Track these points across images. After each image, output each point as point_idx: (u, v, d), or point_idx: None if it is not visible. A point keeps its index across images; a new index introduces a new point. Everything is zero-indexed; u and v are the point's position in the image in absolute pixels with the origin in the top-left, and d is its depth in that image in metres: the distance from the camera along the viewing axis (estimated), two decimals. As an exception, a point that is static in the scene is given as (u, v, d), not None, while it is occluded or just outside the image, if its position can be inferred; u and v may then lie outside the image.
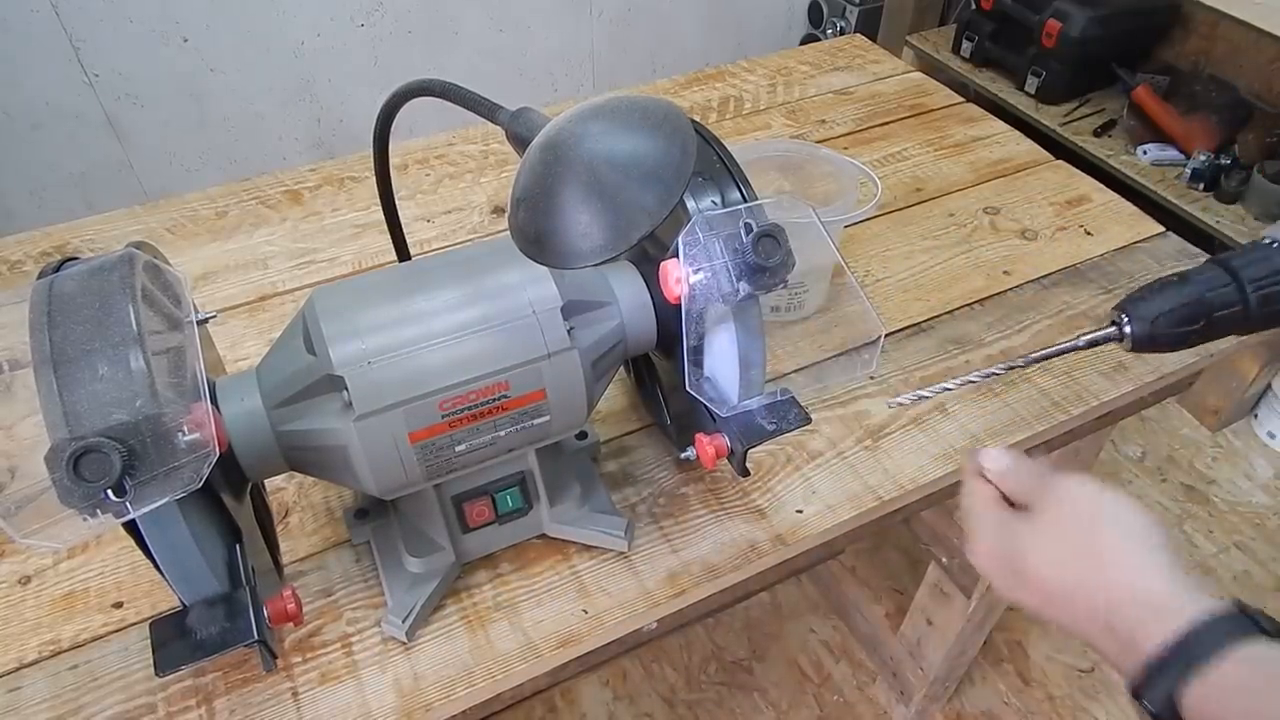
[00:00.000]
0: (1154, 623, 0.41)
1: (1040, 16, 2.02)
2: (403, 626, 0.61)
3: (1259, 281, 0.51)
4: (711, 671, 1.46)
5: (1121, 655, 0.42)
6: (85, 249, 0.97)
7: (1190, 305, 0.51)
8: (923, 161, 1.12)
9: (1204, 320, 0.51)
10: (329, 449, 0.54)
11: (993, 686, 1.44)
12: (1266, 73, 2.00)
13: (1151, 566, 0.43)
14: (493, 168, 1.10)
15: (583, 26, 2.28)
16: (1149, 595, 0.42)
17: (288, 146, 2.11)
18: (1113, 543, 0.45)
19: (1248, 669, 0.38)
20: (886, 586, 1.55)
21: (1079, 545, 0.45)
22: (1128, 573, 0.43)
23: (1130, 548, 0.44)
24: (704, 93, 1.25)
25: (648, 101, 0.47)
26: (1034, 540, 0.47)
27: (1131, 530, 0.45)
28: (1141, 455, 1.79)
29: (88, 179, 1.94)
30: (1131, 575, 0.43)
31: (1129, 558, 0.44)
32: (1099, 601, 0.43)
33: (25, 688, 0.60)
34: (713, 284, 0.53)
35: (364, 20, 2.01)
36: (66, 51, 1.77)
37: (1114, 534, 0.45)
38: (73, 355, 0.44)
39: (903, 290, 0.93)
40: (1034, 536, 0.47)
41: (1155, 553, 0.44)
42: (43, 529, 0.44)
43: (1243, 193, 1.84)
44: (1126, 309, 0.53)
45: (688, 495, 0.72)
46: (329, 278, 0.94)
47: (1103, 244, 0.99)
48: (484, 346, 0.55)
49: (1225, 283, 0.52)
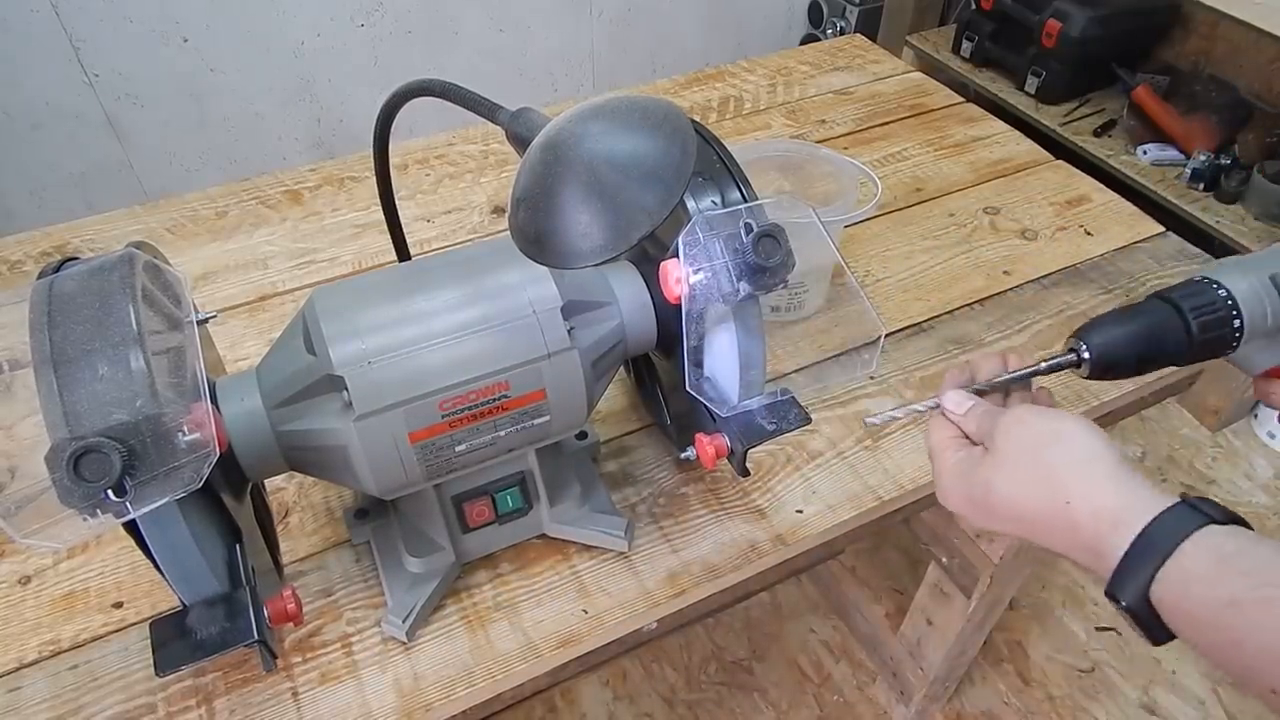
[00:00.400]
0: (1113, 532, 0.43)
1: (1040, 16, 2.02)
2: (403, 626, 0.61)
3: (1199, 312, 0.55)
4: (711, 671, 1.46)
5: (1096, 565, 0.45)
6: (85, 249, 0.97)
7: (1143, 335, 0.55)
8: (923, 161, 1.12)
9: (1154, 350, 0.55)
10: (329, 449, 0.54)
11: (993, 686, 1.44)
12: (1266, 73, 2.00)
13: (1100, 480, 0.45)
14: (493, 168, 1.10)
15: (583, 26, 2.28)
16: (1104, 508, 0.44)
17: (288, 146, 2.11)
18: (1062, 464, 0.47)
19: (1201, 555, 0.41)
20: (886, 586, 1.55)
21: (1034, 472, 0.47)
22: (1081, 490, 0.45)
23: (1078, 466, 0.46)
24: (704, 93, 1.25)
25: (648, 101, 0.47)
26: (994, 473, 0.49)
27: (1077, 448, 0.47)
28: (1141, 455, 1.79)
29: (88, 179, 1.94)
30: (1084, 492, 0.45)
31: (1079, 476, 0.46)
32: (1063, 521, 0.46)
33: (25, 688, 0.60)
34: (713, 284, 0.53)
35: (364, 20, 2.01)
36: (66, 51, 1.77)
37: (1062, 456, 0.47)
38: (73, 355, 0.44)
39: (903, 290, 0.93)
40: (994, 470, 0.49)
41: (1101, 465, 0.46)
42: (43, 529, 0.44)
43: (1243, 193, 1.84)
44: (1084, 338, 0.56)
45: (688, 495, 0.72)
46: (329, 278, 0.94)
47: (1103, 244, 0.99)
48: (484, 346, 0.55)
49: (1171, 315, 0.55)
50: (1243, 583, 0.39)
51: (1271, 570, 0.39)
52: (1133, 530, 0.43)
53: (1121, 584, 0.43)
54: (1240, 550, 0.40)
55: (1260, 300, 0.55)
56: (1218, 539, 0.41)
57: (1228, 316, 0.55)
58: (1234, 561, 0.40)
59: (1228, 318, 0.55)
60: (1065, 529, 0.46)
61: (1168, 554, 0.41)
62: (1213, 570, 0.40)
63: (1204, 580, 0.40)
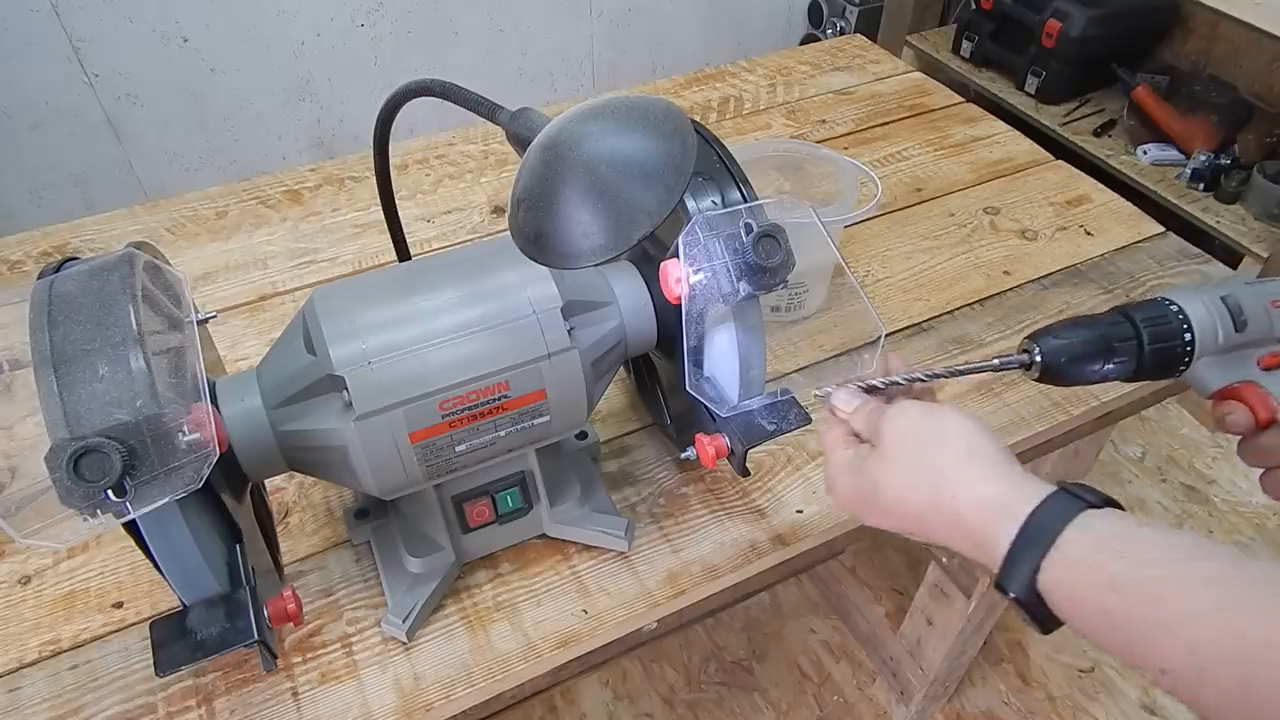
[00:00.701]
0: (998, 525, 0.44)
1: (1040, 16, 2.02)
2: (403, 626, 0.61)
3: (1150, 323, 0.56)
4: (711, 671, 1.46)
5: (985, 558, 0.45)
6: (85, 249, 0.97)
7: (1094, 344, 0.56)
8: (923, 161, 1.12)
9: (1103, 360, 0.56)
10: (329, 449, 0.54)
11: (993, 686, 1.44)
12: (1266, 73, 2.00)
13: (981, 473, 0.46)
14: (493, 168, 1.10)
15: (582, 26, 2.28)
16: (986, 502, 0.45)
17: (288, 146, 2.12)
18: (944, 459, 0.47)
19: (1081, 541, 0.41)
20: (886, 586, 1.55)
21: (918, 468, 0.48)
22: (963, 484, 0.46)
23: (960, 460, 0.47)
24: (704, 93, 1.25)
25: (647, 102, 0.47)
26: (881, 471, 0.49)
27: (958, 443, 0.47)
28: (1141, 455, 1.79)
29: (88, 179, 1.94)
30: (967, 485, 0.46)
31: (961, 470, 0.46)
32: (949, 516, 0.46)
33: (25, 688, 0.60)
34: (713, 284, 0.53)
35: (364, 20, 2.01)
36: (66, 51, 1.77)
37: (943, 450, 0.47)
38: (73, 355, 0.44)
39: (903, 290, 0.93)
40: (880, 467, 0.49)
41: (982, 458, 0.46)
42: (43, 529, 0.45)
43: (1243, 193, 1.84)
44: (1038, 340, 0.56)
45: (688, 495, 0.72)
46: (329, 278, 0.94)
47: (1103, 244, 0.99)
48: (484, 346, 0.55)
49: (1126, 329, 0.57)
50: (1121, 565, 0.40)
51: (1148, 551, 0.40)
52: (1016, 522, 0.43)
53: (1009, 576, 0.43)
54: (1117, 533, 0.41)
55: (1212, 319, 0.57)
56: (1095, 523, 0.42)
57: (1179, 330, 0.56)
58: (1111, 545, 0.41)
59: (1179, 331, 0.56)
60: (952, 523, 0.46)
61: (1050, 543, 0.42)
62: (1093, 555, 0.41)
63: (1086, 566, 0.41)
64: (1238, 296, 0.58)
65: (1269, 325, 0.58)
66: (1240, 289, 0.58)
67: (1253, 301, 0.58)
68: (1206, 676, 0.37)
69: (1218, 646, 0.36)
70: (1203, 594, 0.38)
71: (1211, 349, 0.57)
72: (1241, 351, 0.58)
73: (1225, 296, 0.58)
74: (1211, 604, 0.37)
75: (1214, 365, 0.58)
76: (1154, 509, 1.68)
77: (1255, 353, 0.58)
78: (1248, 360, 0.58)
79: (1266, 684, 0.35)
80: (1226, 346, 0.57)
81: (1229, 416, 0.58)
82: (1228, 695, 0.36)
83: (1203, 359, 0.57)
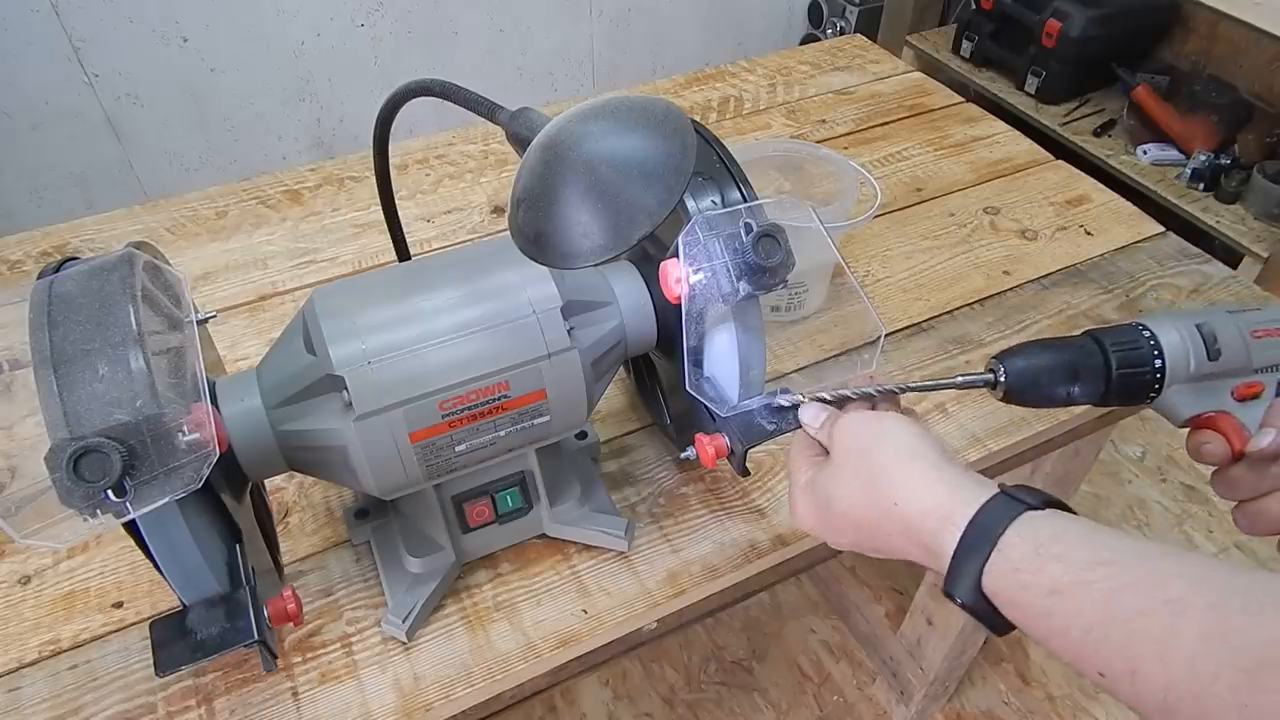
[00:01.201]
0: (942, 530, 0.44)
1: (1040, 16, 2.03)
2: (403, 626, 0.61)
3: (1120, 348, 0.55)
4: (711, 671, 1.46)
5: (933, 564, 0.45)
6: (85, 249, 0.97)
7: (1061, 367, 0.55)
8: (923, 161, 1.12)
9: (1069, 384, 0.55)
10: (329, 449, 0.54)
11: (993, 686, 1.44)
12: (1266, 73, 2.00)
13: (923, 478, 0.46)
14: (493, 168, 1.10)
15: (582, 26, 2.28)
16: (930, 507, 0.45)
17: (288, 146, 2.12)
18: (886, 465, 0.47)
19: (1021, 544, 0.41)
20: (886, 586, 1.55)
21: (862, 477, 0.48)
22: (906, 491, 0.46)
23: (901, 465, 0.47)
24: (704, 93, 1.25)
25: (647, 101, 0.47)
26: (832, 485, 0.49)
27: (898, 447, 0.47)
28: (1141, 455, 1.79)
29: (88, 179, 1.94)
30: (910, 491, 0.46)
31: (903, 476, 0.46)
32: (896, 524, 0.46)
33: (25, 688, 0.60)
34: (713, 284, 0.53)
35: (364, 20, 2.01)
36: (66, 51, 1.77)
37: (885, 456, 0.47)
38: (73, 355, 0.44)
39: (903, 290, 0.93)
40: (832, 481, 0.49)
41: (923, 462, 0.46)
42: (43, 529, 0.45)
43: (1243, 192, 1.84)
44: (1003, 360, 0.56)
45: (688, 495, 0.72)
46: (329, 278, 0.94)
47: (1103, 244, 0.99)
48: (484, 346, 0.55)
49: (1094, 353, 0.56)
50: (1058, 569, 0.40)
51: (1085, 553, 0.40)
52: (958, 527, 0.43)
53: (955, 581, 0.43)
54: (1056, 535, 0.41)
55: (1185, 346, 0.56)
56: (1035, 526, 0.42)
57: (1149, 357, 0.55)
58: (1050, 548, 0.41)
59: (1148, 358, 0.55)
60: (899, 531, 0.46)
61: (991, 548, 0.42)
62: (1032, 559, 0.41)
63: (1027, 569, 0.41)
64: (1214, 325, 0.57)
65: (1246, 355, 0.57)
66: (1218, 317, 0.57)
67: (1230, 331, 0.57)
68: (1138, 679, 0.37)
69: (1145, 647, 0.36)
70: (1130, 596, 0.38)
71: (1183, 377, 0.56)
72: (1216, 381, 0.57)
73: (1201, 324, 0.57)
74: (1138, 605, 0.37)
75: (1186, 393, 0.57)
76: (1154, 509, 1.68)
77: (1230, 383, 0.57)
78: (1223, 390, 0.57)
79: (1187, 685, 0.35)
80: (1199, 375, 0.56)
81: (1205, 447, 0.57)
82: (1156, 696, 0.36)
83: (1174, 386, 0.56)
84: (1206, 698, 0.34)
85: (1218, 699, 0.34)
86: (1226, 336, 0.57)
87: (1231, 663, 0.34)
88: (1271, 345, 0.57)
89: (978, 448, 0.76)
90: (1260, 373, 0.58)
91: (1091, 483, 1.71)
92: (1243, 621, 0.35)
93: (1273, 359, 0.58)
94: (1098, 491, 1.71)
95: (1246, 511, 0.57)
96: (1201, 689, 0.34)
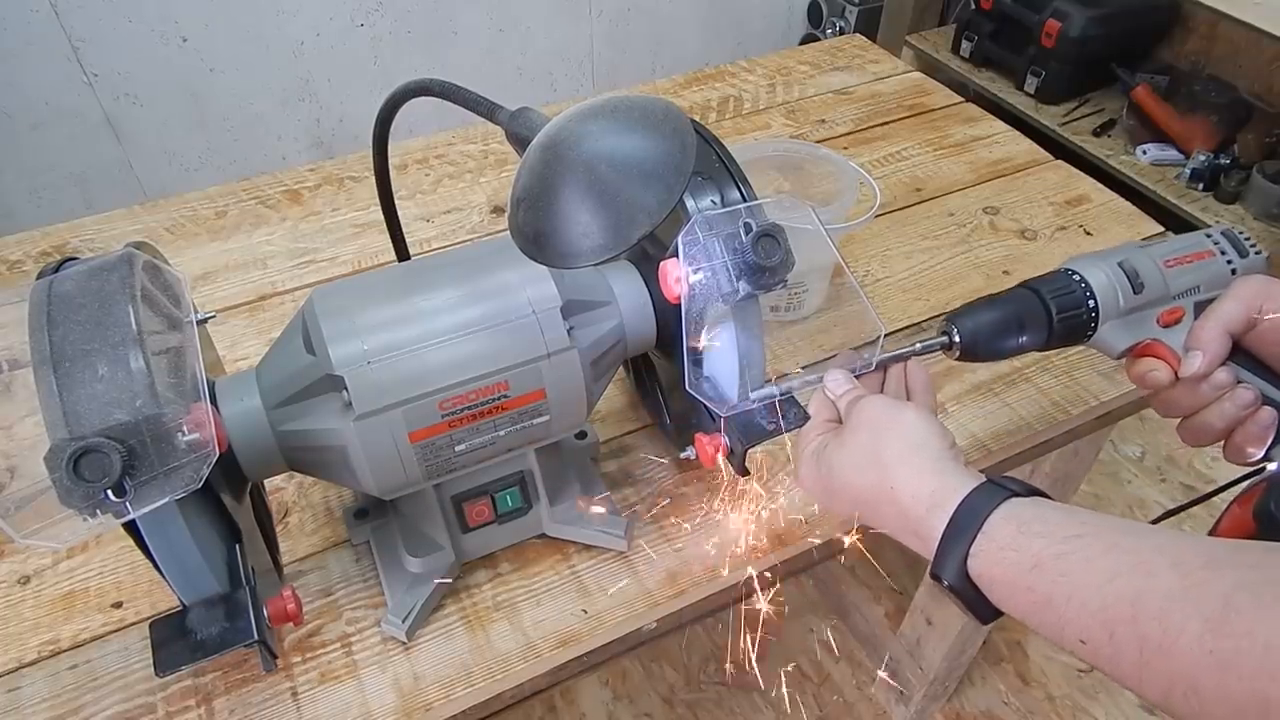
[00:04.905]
0: (931, 516, 0.46)
1: (1040, 16, 2.03)
2: (402, 626, 0.61)
3: (1056, 295, 0.59)
4: (711, 671, 1.46)
5: (922, 548, 0.48)
6: (85, 249, 0.97)
7: (1007, 320, 0.59)
8: (922, 161, 1.12)
9: (1017, 334, 0.59)
10: (329, 449, 0.54)
11: (992, 686, 1.44)
12: (1266, 73, 2.00)
13: (922, 466, 0.48)
14: (493, 168, 1.10)
15: (582, 26, 2.28)
16: (921, 493, 0.47)
17: (288, 146, 2.11)
18: (892, 450, 0.49)
19: (1005, 526, 0.44)
20: (886, 586, 1.54)
21: (868, 456, 0.50)
22: (904, 475, 0.48)
23: (905, 452, 0.49)
24: (704, 93, 1.25)
25: (646, 101, 0.47)
26: (839, 455, 0.52)
27: (908, 436, 0.50)
28: (1141, 455, 1.79)
29: (87, 179, 1.94)
30: (907, 477, 0.48)
31: (904, 461, 0.49)
32: (890, 506, 0.49)
33: (25, 688, 0.60)
34: (712, 284, 0.53)
35: (364, 20, 2.01)
36: (66, 51, 1.77)
37: (893, 442, 0.50)
38: (72, 355, 0.44)
39: (903, 290, 0.93)
40: (838, 453, 0.52)
41: (926, 452, 0.49)
42: (43, 529, 0.45)
43: (1242, 192, 1.84)
44: (955, 322, 0.59)
45: (688, 495, 0.72)
46: (329, 278, 0.94)
47: (1102, 243, 0.99)
48: (484, 346, 0.55)
49: (1035, 303, 0.60)
50: (1040, 544, 0.42)
51: (1063, 528, 0.43)
52: (946, 512, 0.46)
53: (942, 565, 0.46)
54: (1037, 516, 0.44)
55: (1112, 285, 0.60)
56: (1019, 510, 0.45)
57: (1082, 299, 0.60)
58: (1032, 527, 0.43)
59: (1082, 299, 0.60)
60: (893, 513, 0.49)
61: (977, 530, 0.44)
62: (1015, 539, 0.44)
63: (1010, 549, 0.43)
64: (1133, 261, 0.61)
65: (1164, 285, 0.61)
66: (1135, 253, 0.61)
67: (1147, 264, 0.61)
68: (1116, 641, 0.39)
69: (1119, 609, 0.39)
70: (1104, 561, 0.40)
71: (1114, 313, 0.60)
72: (1142, 312, 0.61)
73: (1122, 262, 0.61)
74: (1110, 570, 0.40)
75: (1119, 328, 0.61)
76: (1154, 509, 1.68)
77: (1154, 311, 0.61)
78: (1149, 319, 0.61)
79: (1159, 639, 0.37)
80: (1128, 309, 0.60)
81: (1150, 374, 0.60)
82: (1133, 655, 0.38)
83: (1108, 323, 0.60)
84: (1176, 650, 0.36)
85: (1186, 650, 0.36)
86: (1145, 270, 0.61)
87: (1197, 614, 0.36)
88: (1183, 272, 0.62)
89: (978, 448, 0.76)
90: (1178, 298, 0.62)
91: (1091, 483, 1.71)
92: (1205, 575, 0.37)
93: (1187, 284, 0.62)
94: (1098, 491, 1.71)
95: (1188, 427, 0.60)
96: (1171, 642, 0.37)
